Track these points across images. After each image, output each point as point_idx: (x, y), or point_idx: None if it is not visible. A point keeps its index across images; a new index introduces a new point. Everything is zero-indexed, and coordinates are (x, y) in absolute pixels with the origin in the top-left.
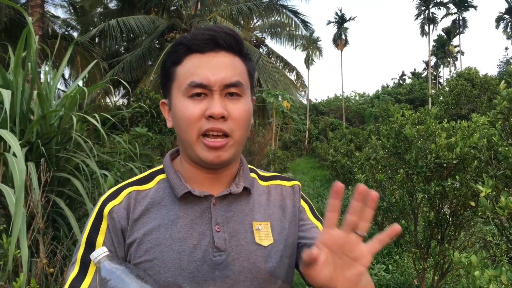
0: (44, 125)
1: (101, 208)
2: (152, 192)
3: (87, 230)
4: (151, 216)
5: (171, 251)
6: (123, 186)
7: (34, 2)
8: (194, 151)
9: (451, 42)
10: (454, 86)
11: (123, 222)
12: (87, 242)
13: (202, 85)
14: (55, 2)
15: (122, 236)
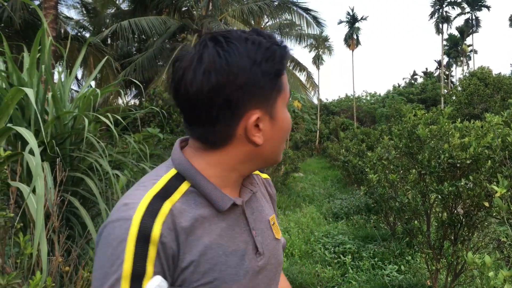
0: (58, 126)
1: (144, 231)
2: (184, 204)
3: (129, 262)
4: (197, 234)
5: (229, 268)
6: (156, 198)
7: (48, 4)
8: (278, 158)
9: (464, 41)
10: (467, 86)
11: (174, 246)
12: (133, 276)
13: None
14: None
15: (172, 262)
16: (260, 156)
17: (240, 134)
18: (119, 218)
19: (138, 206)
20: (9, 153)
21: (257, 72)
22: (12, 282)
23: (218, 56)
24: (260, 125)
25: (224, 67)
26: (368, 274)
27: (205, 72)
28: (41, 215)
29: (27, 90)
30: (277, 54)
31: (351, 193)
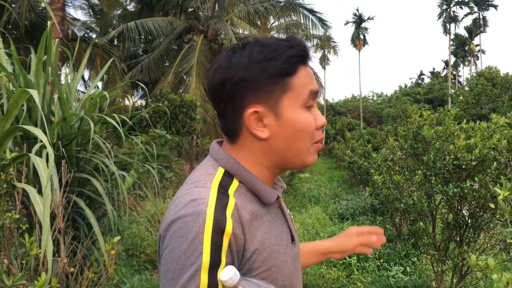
0: (64, 127)
1: (219, 224)
2: (240, 200)
3: (207, 252)
4: (255, 225)
5: (281, 255)
6: (220, 193)
7: (55, 6)
8: (302, 159)
9: (472, 41)
10: (474, 86)
11: (242, 238)
12: (211, 267)
13: (316, 93)
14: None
15: (240, 252)
16: (274, 152)
17: (246, 127)
18: (191, 213)
19: (208, 201)
20: (15, 155)
21: (254, 69)
22: (17, 283)
23: (226, 58)
24: (264, 121)
25: (226, 65)
26: (373, 275)
27: (215, 71)
28: (47, 217)
29: (32, 92)
30: (284, 54)
31: (357, 194)
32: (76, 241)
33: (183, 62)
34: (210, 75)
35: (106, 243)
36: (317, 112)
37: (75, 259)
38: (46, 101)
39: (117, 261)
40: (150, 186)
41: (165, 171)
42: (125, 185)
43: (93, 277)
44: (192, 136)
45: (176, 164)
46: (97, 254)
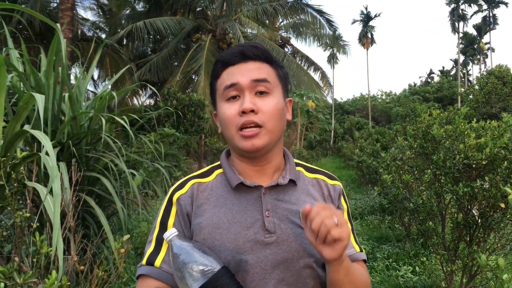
0: (74, 126)
1: (171, 196)
2: (212, 183)
3: (160, 214)
4: (211, 204)
5: (229, 233)
6: (188, 179)
7: (65, 6)
8: (235, 144)
9: (481, 39)
10: (484, 84)
11: (188, 208)
12: (160, 224)
13: (232, 85)
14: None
15: (188, 220)
16: (227, 141)
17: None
18: (169, 190)
19: (176, 183)
20: (25, 154)
21: (210, 82)
22: (28, 281)
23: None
24: (218, 118)
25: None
26: (382, 275)
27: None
28: (58, 215)
29: (37, 97)
30: (216, 64)
31: (365, 193)
32: (86, 240)
33: (191, 62)
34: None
35: (116, 242)
36: (244, 99)
37: (85, 258)
38: (56, 101)
39: (126, 259)
40: (159, 184)
41: (175, 170)
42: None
43: (102, 275)
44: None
45: (185, 163)
46: (107, 252)
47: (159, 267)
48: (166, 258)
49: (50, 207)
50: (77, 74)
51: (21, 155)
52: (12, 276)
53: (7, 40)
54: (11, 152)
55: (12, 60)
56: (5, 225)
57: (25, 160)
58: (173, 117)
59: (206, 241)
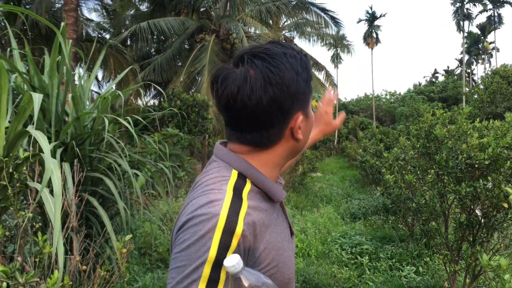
0: (78, 127)
1: (230, 225)
2: (252, 201)
3: (214, 249)
4: (265, 225)
5: (286, 251)
6: (235, 199)
7: (69, 7)
8: (304, 148)
9: (486, 38)
10: (489, 84)
11: (252, 239)
12: (216, 262)
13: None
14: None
15: (248, 252)
16: (297, 149)
17: (287, 134)
18: (206, 213)
19: (223, 203)
20: (27, 154)
21: (300, 81)
22: (30, 280)
23: (271, 72)
24: (302, 124)
25: (278, 81)
26: (385, 275)
27: (262, 87)
28: (58, 216)
29: (34, 95)
30: (308, 63)
31: (369, 193)
32: (89, 240)
33: (195, 62)
34: (254, 92)
35: (118, 242)
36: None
37: (87, 257)
38: (60, 101)
39: (129, 259)
40: (162, 185)
41: (178, 170)
42: (138, 183)
43: (105, 275)
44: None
45: (188, 163)
46: (110, 252)
47: None
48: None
49: (51, 208)
50: (81, 74)
51: (24, 155)
52: (15, 276)
53: (11, 41)
54: (13, 152)
55: (16, 61)
56: (8, 225)
57: (27, 160)
58: (177, 117)
59: (271, 267)
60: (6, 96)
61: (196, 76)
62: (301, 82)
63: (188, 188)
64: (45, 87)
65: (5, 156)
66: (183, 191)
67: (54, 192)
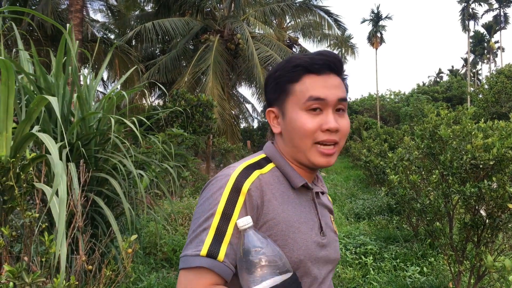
0: (83, 127)
1: (238, 184)
2: (270, 177)
3: (222, 202)
4: (279, 200)
5: (300, 233)
6: (250, 167)
7: (74, 8)
8: (306, 156)
9: (491, 38)
10: (494, 84)
11: (259, 201)
12: (223, 214)
13: (319, 99)
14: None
15: (256, 214)
16: (287, 145)
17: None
18: (221, 175)
19: (236, 168)
20: (34, 155)
21: (270, 79)
22: (36, 280)
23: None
24: (278, 119)
25: (267, 74)
26: (389, 275)
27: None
28: (63, 217)
29: (52, 99)
30: (291, 64)
31: (373, 193)
32: (94, 239)
33: (199, 62)
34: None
35: (124, 241)
36: (327, 117)
37: (93, 257)
38: (66, 102)
39: (134, 259)
40: (167, 185)
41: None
42: (142, 184)
43: (110, 275)
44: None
45: (193, 163)
46: (115, 252)
47: (223, 262)
48: (229, 251)
49: (56, 209)
50: (87, 75)
51: (30, 156)
52: (21, 276)
53: (18, 42)
54: (20, 153)
55: (22, 62)
56: (15, 225)
57: (34, 161)
58: (182, 117)
59: (279, 238)
60: (13, 97)
61: (200, 76)
62: (271, 80)
63: (193, 188)
64: (51, 87)
65: (12, 157)
66: (188, 191)
67: (59, 194)
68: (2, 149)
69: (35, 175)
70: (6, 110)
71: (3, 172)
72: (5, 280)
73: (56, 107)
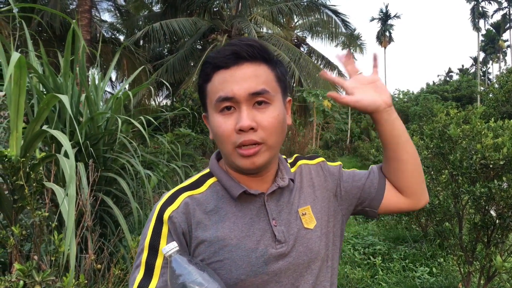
0: (92, 127)
1: (160, 214)
2: (207, 195)
3: (148, 235)
4: (212, 219)
5: (239, 250)
6: (177, 192)
7: (82, 8)
8: (232, 160)
9: (501, 37)
10: (505, 83)
11: (184, 226)
12: (150, 247)
13: (227, 98)
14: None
15: (184, 239)
16: (222, 153)
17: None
18: (155, 205)
19: (163, 197)
20: (44, 155)
21: (198, 83)
22: (46, 278)
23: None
24: (207, 122)
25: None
26: (398, 276)
27: None
28: (72, 216)
29: (63, 97)
30: (205, 64)
31: None
32: (103, 239)
33: None
34: None
35: (132, 241)
36: (241, 115)
37: (102, 256)
38: (74, 102)
39: None
40: (175, 185)
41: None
42: (150, 184)
43: (119, 274)
44: None
45: (201, 163)
46: (123, 251)
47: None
48: (159, 285)
49: (65, 208)
50: (95, 75)
51: (40, 156)
52: (31, 274)
53: (27, 42)
54: (30, 152)
55: (32, 61)
56: (25, 224)
57: (44, 160)
58: (189, 118)
59: (213, 261)
60: (24, 97)
61: None
62: (198, 80)
63: None
64: (60, 87)
65: (22, 156)
66: None
67: (69, 193)
68: (12, 149)
69: (44, 175)
70: (16, 110)
71: (14, 171)
72: (16, 278)
73: (68, 105)
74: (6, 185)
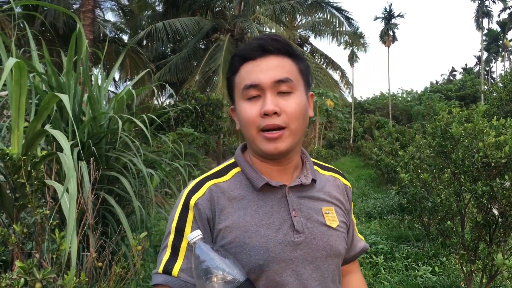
0: (94, 126)
1: (187, 200)
2: (230, 184)
3: (175, 219)
4: (235, 206)
5: (259, 236)
6: (203, 180)
7: (86, 8)
8: (256, 145)
9: (506, 35)
10: (508, 82)
11: (208, 212)
12: (176, 230)
13: (253, 85)
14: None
15: (208, 225)
16: (246, 139)
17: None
18: (181, 193)
19: (189, 184)
20: (45, 153)
21: (226, 77)
22: (47, 276)
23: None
24: (234, 115)
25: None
26: (400, 275)
27: None
28: (73, 213)
29: (63, 96)
30: (234, 58)
31: (384, 193)
32: (105, 237)
33: (210, 61)
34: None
35: (134, 239)
36: (266, 101)
37: (103, 254)
38: (77, 101)
39: (144, 257)
40: (177, 184)
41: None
42: (152, 183)
43: (120, 272)
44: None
45: (203, 162)
46: (125, 249)
47: (177, 277)
48: (184, 266)
49: (66, 206)
50: (97, 75)
51: (41, 154)
52: (32, 272)
53: (30, 42)
54: (31, 150)
55: (34, 61)
56: (26, 223)
57: (45, 158)
58: (192, 117)
59: (234, 245)
60: (25, 96)
61: (211, 76)
62: (227, 74)
63: None
64: (62, 87)
65: (23, 155)
66: None
67: (70, 191)
68: (14, 147)
69: (46, 173)
70: (18, 109)
71: (15, 169)
72: (17, 276)
73: (68, 105)
74: (8, 184)
